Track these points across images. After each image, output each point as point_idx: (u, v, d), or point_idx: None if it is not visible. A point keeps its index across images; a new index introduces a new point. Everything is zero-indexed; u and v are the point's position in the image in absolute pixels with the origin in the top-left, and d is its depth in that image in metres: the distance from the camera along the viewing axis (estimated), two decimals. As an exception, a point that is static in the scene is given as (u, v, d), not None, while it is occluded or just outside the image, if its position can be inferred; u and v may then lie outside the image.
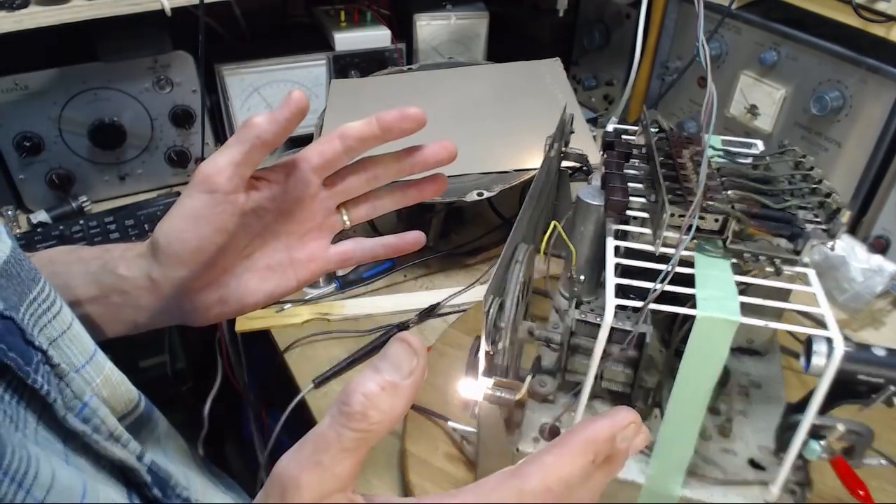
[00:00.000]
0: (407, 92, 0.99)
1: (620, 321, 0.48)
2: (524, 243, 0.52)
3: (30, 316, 0.37)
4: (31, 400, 0.35)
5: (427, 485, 0.58)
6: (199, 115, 0.97)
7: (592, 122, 1.15)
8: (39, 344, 0.35)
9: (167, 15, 0.85)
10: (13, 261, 0.38)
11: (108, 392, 0.40)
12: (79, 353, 0.39)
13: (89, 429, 0.37)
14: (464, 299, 0.82)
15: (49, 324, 0.38)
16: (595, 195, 0.59)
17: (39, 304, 0.38)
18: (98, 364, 0.40)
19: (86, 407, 0.37)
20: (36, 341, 0.35)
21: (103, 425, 0.38)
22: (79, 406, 0.37)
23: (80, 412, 0.37)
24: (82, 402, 0.37)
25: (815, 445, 0.45)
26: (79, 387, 0.37)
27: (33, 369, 0.34)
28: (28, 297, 0.37)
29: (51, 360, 0.36)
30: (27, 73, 0.86)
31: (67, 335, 0.39)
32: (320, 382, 0.72)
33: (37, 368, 0.34)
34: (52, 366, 0.36)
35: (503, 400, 0.46)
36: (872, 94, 0.78)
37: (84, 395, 0.37)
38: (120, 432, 0.39)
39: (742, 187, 0.50)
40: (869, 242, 0.82)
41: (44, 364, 0.35)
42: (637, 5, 1.01)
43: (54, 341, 0.38)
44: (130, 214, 0.93)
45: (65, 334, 0.39)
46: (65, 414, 0.35)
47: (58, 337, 0.38)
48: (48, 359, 0.36)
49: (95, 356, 0.40)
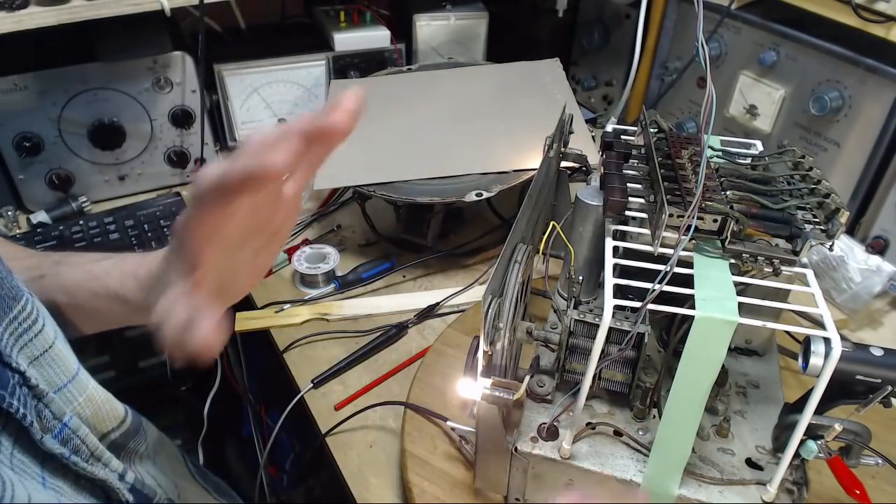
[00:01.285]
0: (406, 92, 0.99)
1: (619, 321, 0.48)
2: (523, 244, 0.52)
3: (9, 335, 0.36)
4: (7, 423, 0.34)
5: (426, 484, 0.58)
6: (198, 116, 0.97)
7: (591, 123, 1.16)
8: (17, 365, 0.35)
9: (167, 15, 0.85)
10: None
11: (91, 410, 0.40)
12: (60, 372, 0.39)
13: (68, 451, 0.37)
14: (463, 299, 0.82)
15: (30, 342, 0.37)
16: (594, 195, 0.59)
17: (20, 322, 0.37)
18: (81, 383, 0.40)
19: (65, 427, 0.37)
20: (14, 362, 0.35)
21: (83, 446, 0.38)
22: (58, 427, 0.36)
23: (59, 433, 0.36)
24: (61, 422, 0.37)
25: (812, 445, 0.45)
26: (58, 407, 0.37)
27: (8, 392, 0.34)
28: (7, 315, 0.36)
29: (28, 382, 0.35)
30: (27, 73, 0.86)
31: (49, 354, 0.38)
32: (319, 382, 0.72)
33: (12, 392, 0.34)
34: (30, 387, 0.35)
35: (502, 400, 0.47)
36: (871, 94, 0.78)
37: (63, 416, 0.37)
38: (101, 452, 0.39)
39: (741, 188, 0.50)
40: (867, 243, 0.82)
41: (20, 386, 0.35)
42: (636, 5, 1.01)
43: (35, 360, 0.37)
44: (130, 215, 0.93)
45: (46, 353, 0.38)
46: (41, 437, 0.35)
47: (39, 356, 0.37)
48: (26, 380, 0.35)
49: (78, 375, 0.40)
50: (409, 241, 0.89)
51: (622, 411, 0.55)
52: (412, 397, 0.66)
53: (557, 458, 0.51)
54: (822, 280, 0.80)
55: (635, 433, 0.52)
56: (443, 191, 0.80)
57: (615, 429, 0.53)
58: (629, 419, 0.54)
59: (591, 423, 0.53)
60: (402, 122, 0.93)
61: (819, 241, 0.47)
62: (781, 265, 0.46)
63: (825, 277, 0.80)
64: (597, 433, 0.53)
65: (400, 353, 0.76)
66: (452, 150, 0.87)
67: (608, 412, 0.55)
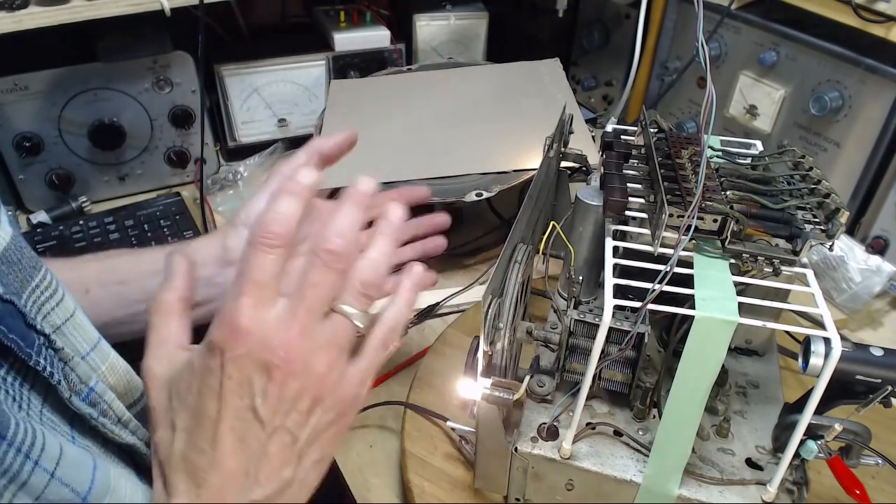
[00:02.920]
0: (406, 92, 0.99)
1: (619, 321, 0.48)
2: (523, 244, 0.52)
3: (32, 303, 0.37)
4: (36, 383, 0.35)
5: (426, 484, 0.58)
6: (198, 116, 0.97)
7: (591, 123, 1.16)
8: (42, 328, 0.35)
9: (167, 15, 0.85)
10: (13, 248, 0.38)
11: (114, 379, 0.41)
12: (83, 340, 0.39)
13: (96, 412, 0.37)
14: (463, 299, 0.82)
15: (52, 311, 0.38)
16: (594, 195, 0.59)
17: (42, 291, 0.38)
18: (103, 351, 0.40)
19: (92, 391, 0.37)
20: (38, 326, 0.35)
21: (110, 410, 0.38)
22: (85, 390, 0.37)
23: (87, 396, 0.37)
24: (88, 386, 0.37)
25: (812, 445, 0.45)
26: (84, 372, 0.37)
27: (35, 352, 0.34)
28: (30, 284, 0.37)
29: (54, 345, 0.36)
30: (27, 73, 0.86)
31: (71, 322, 0.39)
32: (319, 382, 0.72)
33: (39, 351, 0.34)
34: (55, 350, 0.36)
35: (501, 400, 0.47)
36: (871, 94, 0.78)
37: (90, 381, 0.37)
38: (128, 418, 0.40)
39: (741, 188, 0.50)
40: (867, 243, 0.82)
41: (47, 348, 0.35)
42: (636, 5, 1.01)
43: (58, 328, 0.38)
44: (130, 215, 0.93)
45: (68, 322, 0.39)
46: (70, 396, 0.36)
47: (62, 324, 0.38)
48: (51, 343, 0.36)
49: (100, 344, 0.41)
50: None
51: (622, 411, 0.55)
52: (412, 397, 0.66)
53: (557, 458, 0.51)
54: (822, 280, 0.80)
55: (635, 433, 0.52)
56: (443, 191, 0.80)
57: (615, 429, 0.53)
58: (629, 419, 0.54)
59: (591, 423, 0.53)
60: (402, 122, 0.93)
61: (819, 241, 0.47)
62: (781, 265, 0.46)
63: (825, 277, 0.80)
64: (597, 433, 0.53)
65: (400, 353, 0.76)
66: (452, 150, 0.87)
67: (608, 412, 0.55)
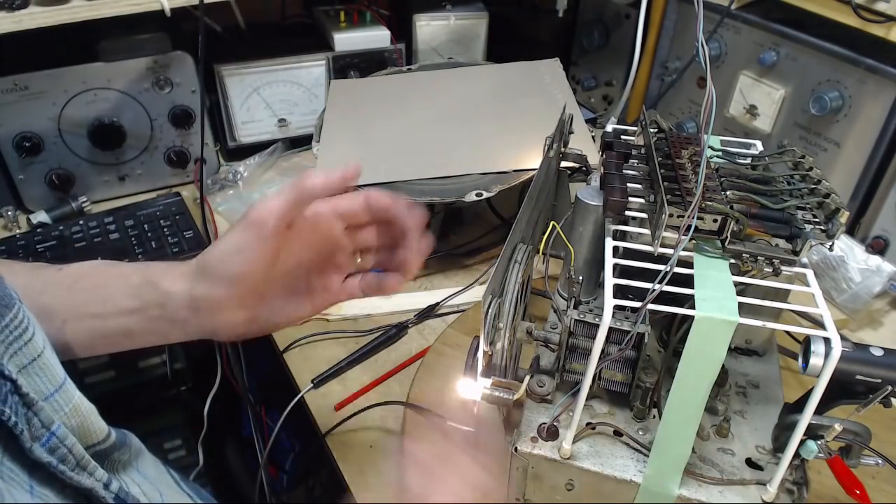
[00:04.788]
0: (406, 92, 0.99)
1: (619, 321, 0.48)
2: (523, 244, 0.52)
3: (0, 343, 0.36)
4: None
5: (426, 484, 0.58)
6: (198, 116, 0.97)
7: (592, 123, 1.16)
8: (9, 373, 0.35)
9: (167, 15, 0.85)
10: None
11: (78, 421, 0.40)
12: (48, 381, 0.39)
13: (55, 459, 0.37)
14: (463, 299, 0.82)
15: (20, 350, 0.37)
16: (594, 195, 0.59)
17: (11, 330, 0.37)
18: (67, 393, 0.40)
19: (53, 436, 0.37)
20: (5, 370, 0.35)
21: (70, 455, 0.38)
22: (46, 435, 0.37)
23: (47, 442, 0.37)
24: (50, 431, 0.37)
25: (812, 445, 0.45)
26: (47, 416, 0.37)
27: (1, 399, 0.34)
28: (1, 322, 0.37)
29: (20, 390, 0.35)
30: (27, 73, 0.86)
31: (38, 363, 0.39)
32: (319, 382, 0.72)
33: (4, 399, 0.34)
34: (20, 395, 0.35)
35: (501, 400, 0.47)
36: (871, 94, 0.78)
37: (52, 425, 0.37)
38: (86, 461, 0.39)
39: (741, 187, 0.50)
40: (867, 243, 0.82)
41: (12, 394, 0.35)
42: (636, 5, 1.02)
43: (24, 368, 0.37)
44: (130, 215, 0.93)
45: (35, 362, 0.38)
46: (31, 445, 0.35)
47: (28, 364, 0.38)
48: (17, 388, 0.35)
49: (65, 385, 0.40)
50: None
51: (622, 411, 0.54)
52: (412, 397, 0.66)
53: (557, 458, 0.51)
54: (822, 280, 0.80)
55: (635, 433, 0.52)
56: (443, 191, 0.80)
57: (615, 429, 0.53)
58: (629, 419, 0.54)
59: (591, 423, 0.53)
60: (402, 122, 0.93)
61: (819, 241, 0.47)
62: (781, 265, 0.46)
63: (825, 277, 0.80)
64: (597, 433, 0.53)
65: (400, 353, 0.76)
66: (452, 150, 0.87)
67: (608, 412, 0.55)
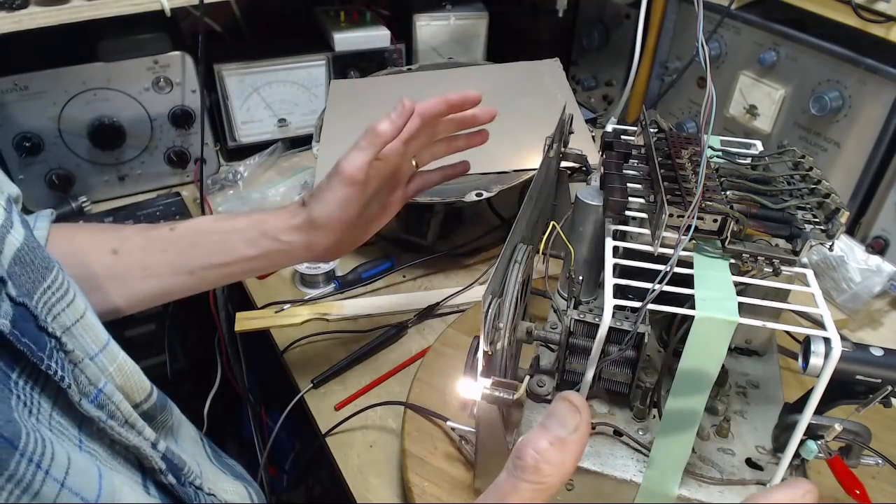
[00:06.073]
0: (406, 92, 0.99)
1: (619, 321, 0.48)
2: (523, 244, 0.52)
3: (43, 304, 0.37)
4: (46, 386, 0.35)
5: (426, 484, 0.58)
6: (198, 116, 0.97)
7: (592, 123, 1.16)
8: (53, 331, 0.36)
9: (167, 15, 0.85)
10: (27, 248, 0.38)
11: (122, 380, 0.41)
12: (92, 341, 0.40)
13: (104, 414, 0.38)
14: (463, 299, 0.82)
15: (63, 312, 0.38)
16: (594, 195, 0.59)
17: (53, 292, 0.38)
18: (111, 353, 0.41)
19: (100, 393, 0.38)
20: (49, 328, 0.35)
21: (118, 412, 0.39)
22: (94, 392, 0.37)
23: (95, 398, 0.37)
24: (97, 388, 0.38)
25: (812, 445, 0.45)
26: (94, 373, 0.38)
27: (47, 355, 0.34)
28: (42, 285, 0.38)
29: (65, 347, 0.36)
30: (27, 73, 0.86)
31: (81, 324, 0.39)
32: (319, 382, 0.72)
33: (50, 354, 0.35)
34: (66, 352, 0.36)
35: (501, 400, 0.46)
36: (871, 94, 0.78)
37: (99, 382, 0.38)
38: (135, 419, 0.40)
39: (741, 187, 0.50)
40: (867, 243, 0.82)
41: (58, 350, 0.36)
42: (636, 5, 1.02)
43: (68, 329, 0.38)
44: (130, 215, 0.93)
45: (78, 323, 0.39)
46: (79, 399, 0.36)
47: (71, 325, 0.39)
48: (62, 345, 0.36)
49: (109, 345, 0.41)
50: (409, 241, 0.89)
51: (622, 411, 0.54)
52: (412, 397, 0.66)
53: (557, 458, 0.51)
54: (822, 280, 0.80)
55: (635, 433, 0.52)
56: (443, 191, 0.80)
57: (615, 429, 0.53)
58: (629, 419, 0.54)
59: (592, 423, 0.53)
60: (402, 122, 0.92)
61: (819, 241, 0.47)
62: (781, 265, 0.46)
63: (825, 277, 0.80)
64: (597, 433, 0.53)
65: (400, 353, 0.76)
66: (452, 150, 0.87)
67: (608, 412, 0.55)
